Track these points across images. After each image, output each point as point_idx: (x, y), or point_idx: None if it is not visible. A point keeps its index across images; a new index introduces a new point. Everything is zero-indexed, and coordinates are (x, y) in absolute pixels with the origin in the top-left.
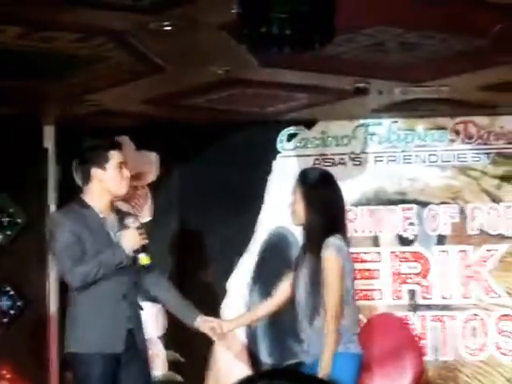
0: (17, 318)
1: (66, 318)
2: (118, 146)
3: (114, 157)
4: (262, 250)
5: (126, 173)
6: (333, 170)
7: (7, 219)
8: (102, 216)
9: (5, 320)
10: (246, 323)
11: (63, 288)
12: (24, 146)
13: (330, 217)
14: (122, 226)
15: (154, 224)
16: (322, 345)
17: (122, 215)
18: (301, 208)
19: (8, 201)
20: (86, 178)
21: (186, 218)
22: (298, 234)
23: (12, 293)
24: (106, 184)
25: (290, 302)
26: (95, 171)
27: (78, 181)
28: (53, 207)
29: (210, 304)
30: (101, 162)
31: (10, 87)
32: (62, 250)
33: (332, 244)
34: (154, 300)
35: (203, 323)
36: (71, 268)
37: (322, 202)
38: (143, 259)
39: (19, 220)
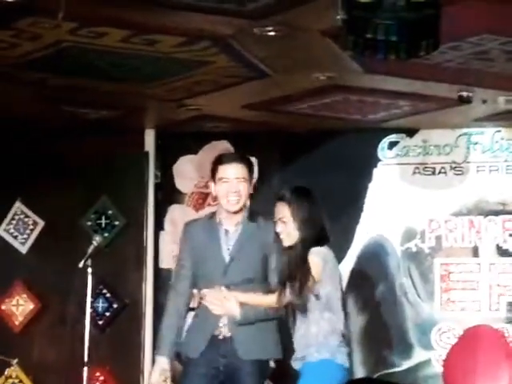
0: (112, 320)
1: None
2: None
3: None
4: (358, 257)
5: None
6: (433, 179)
7: (106, 221)
8: None
9: (100, 322)
10: None
11: (159, 290)
12: (126, 148)
13: (318, 230)
14: None
15: None
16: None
17: None
18: (292, 227)
19: (108, 203)
20: None
21: None
22: (395, 243)
23: (108, 295)
24: None
25: None
26: None
27: None
28: (151, 210)
29: None
30: None
31: (112, 90)
32: None
33: (317, 251)
34: None
35: None
36: None
37: (311, 217)
38: None
39: (117, 222)
